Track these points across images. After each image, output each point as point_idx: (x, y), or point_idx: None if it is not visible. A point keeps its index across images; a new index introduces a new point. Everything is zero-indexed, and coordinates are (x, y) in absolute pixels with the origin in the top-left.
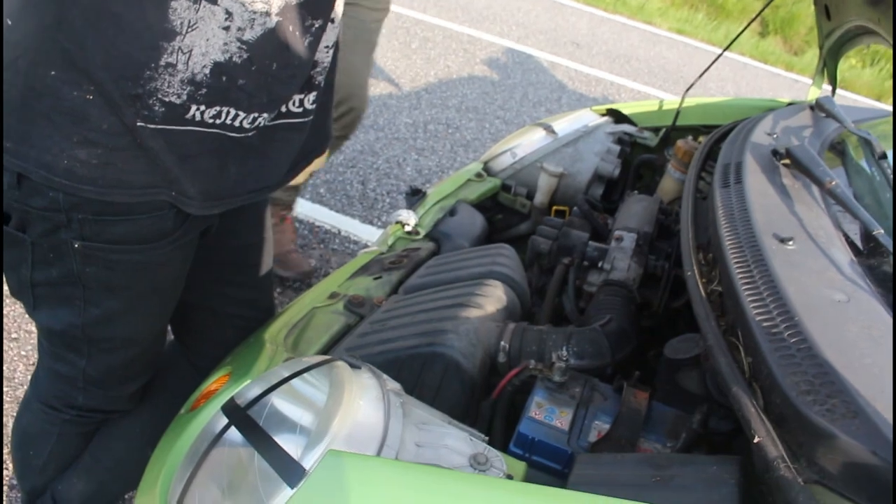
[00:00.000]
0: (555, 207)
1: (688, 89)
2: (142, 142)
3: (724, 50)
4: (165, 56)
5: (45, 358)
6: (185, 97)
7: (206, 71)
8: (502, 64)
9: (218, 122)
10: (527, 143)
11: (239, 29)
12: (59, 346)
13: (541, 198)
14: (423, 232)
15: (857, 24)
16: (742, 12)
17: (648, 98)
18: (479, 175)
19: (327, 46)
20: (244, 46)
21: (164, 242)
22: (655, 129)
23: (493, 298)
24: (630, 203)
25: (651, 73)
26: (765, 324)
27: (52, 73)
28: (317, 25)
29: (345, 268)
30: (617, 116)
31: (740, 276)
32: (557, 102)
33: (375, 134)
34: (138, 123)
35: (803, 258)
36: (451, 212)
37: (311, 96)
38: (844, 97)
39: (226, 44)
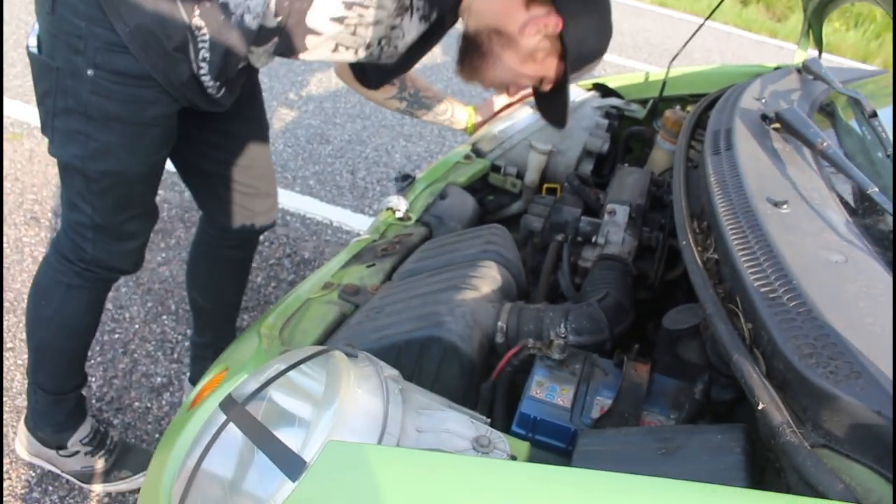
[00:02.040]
0: (546, 185)
1: (672, 59)
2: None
3: (707, 19)
4: None
5: (64, 209)
6: None
7: None
8: None
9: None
10: (514, 122)
11: None
12: (71, 190)
13: (531, 176)
14: (414, 217)
15: None
16: None
17: (635, 72)
18: (467, 157)
19: None
20: None
21: (156, 82)
22: (643, 101)
23: (488, 279)
24: (621, 176)
25: (636, 46)
26: (763, 289)
27: None
28: None
29: (337, 257)
30: (603, 90)
31: (736, 242)
32: None
33: (362, 123)
34: None
35: (798, 221)
36: (442, 195)
37: None
38: (830, 61)
39: None
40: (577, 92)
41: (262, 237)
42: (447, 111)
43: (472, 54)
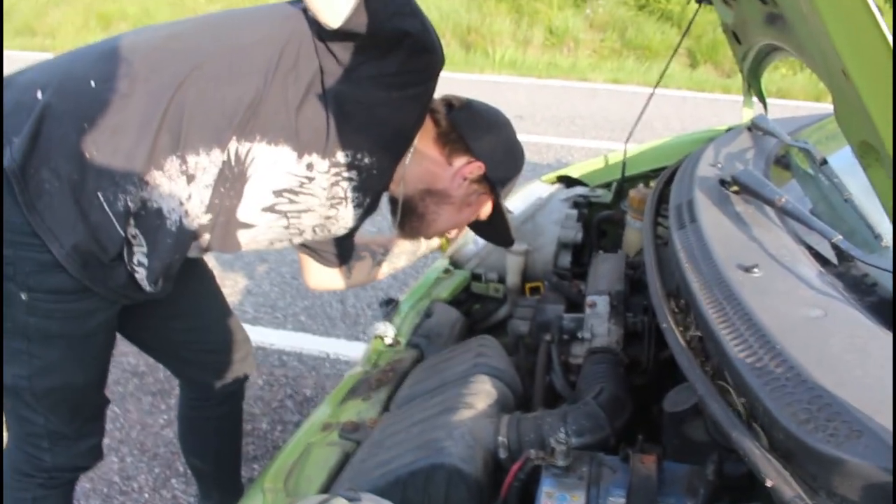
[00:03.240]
0: (528, 285)
1: (627, 139)
2: (89, 212)
3: (654, 90)
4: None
5: (12, 423)
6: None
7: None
8: None
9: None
10: None
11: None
12: (18, 405)
13: (512, 279)
14: (403, 341)
15: (765, 43)
16: (668, 49)
17: (600, 153)
18: (447, 271)
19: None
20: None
21: (93, 292)
22: (607, 185)
23: (483, 394)
24: (596, 265)
25: (597, 126)
26: (749, 360)
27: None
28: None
29: (333, 395)
30: (567, 181)
31: (715, 316)
32: None
33: None
34: (99, 196)
35: (771, 282)
36: (427, 313)
37: None
38: (782, 106)
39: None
40: (543, 187)
41: (260, 381)
42: (420, 245)
43: (410, 217)
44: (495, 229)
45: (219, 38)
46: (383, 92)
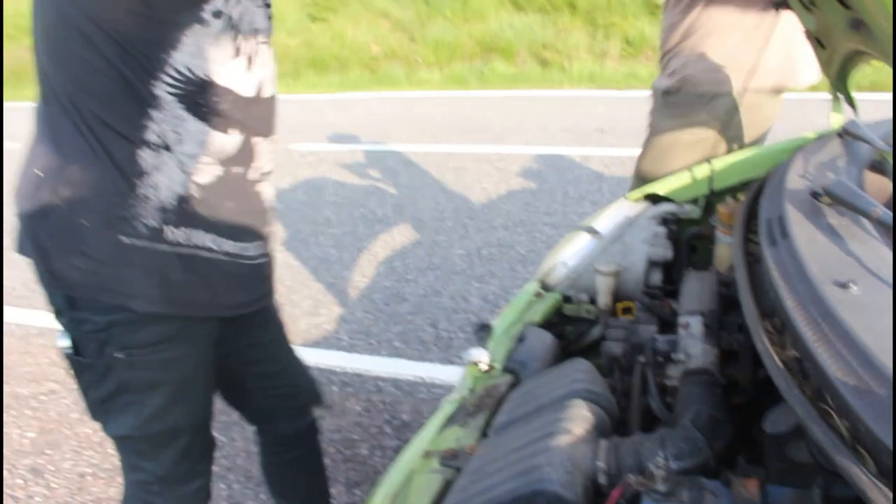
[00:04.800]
0: (619, 305)
1: (714, 156)
2: (131, 256)
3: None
4: (141, 188)
5: (125, 473)
6: (160, 220)
7: (173, 201)
8: (536, 171)
9: (191, 243)
10: (575, 250)
11: (192, 172)
12: (130, 455)
13: (603, 299)
14: (498, 366)
15: (850, 49)
16: None
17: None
18: (538, 294)
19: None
20: (198, 187)
21: (185, 338)
22: (695, 200)
23: (580, 419)
24: (688, 283)
25: None
26: (849, 381)
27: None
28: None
29: (432, 422)
30: (654, 198)
31: (812, 336)
32: (599, 192)
33: (433, 273)
34: (124, 240)
35: (871, 299)
36: (521, 338)
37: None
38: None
39: (183, 183)
40: (629, 206)
41: (358, 407)
42: None
43: None
44: None
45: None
46: None
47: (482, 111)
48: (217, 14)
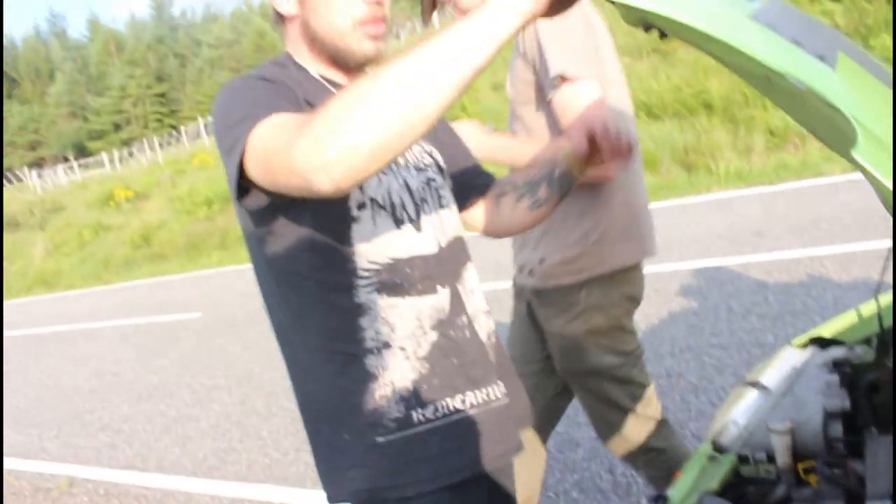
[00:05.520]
0: (800, 466)
1: (879, 286)
2: (390, 451)
3: None
4: (378, 391)
5: None
6: (403, 410)
7: (409, 386)
8: (695, 287)
9: (440, 414)
10: (744, 407)
11: (414, 352)
12: None
13: (782, 459)
14: None
15: None
16: None
17: (856, 258)
18: (711, 457)
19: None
20: (421, 360)
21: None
22: (867, 341)
23: None
24: (874, 453)
25: (845, 227)
26: None
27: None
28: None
29: None
30: (821, 343)
31: None
32: (766, 304)
33: None
34: (380, 440)
35: None
36: None
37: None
38: None
39: (411, 369)
40: (795, 354)
41: None
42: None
43: None
44: None
45: None
46: None
47: None
48: (361, 206)
